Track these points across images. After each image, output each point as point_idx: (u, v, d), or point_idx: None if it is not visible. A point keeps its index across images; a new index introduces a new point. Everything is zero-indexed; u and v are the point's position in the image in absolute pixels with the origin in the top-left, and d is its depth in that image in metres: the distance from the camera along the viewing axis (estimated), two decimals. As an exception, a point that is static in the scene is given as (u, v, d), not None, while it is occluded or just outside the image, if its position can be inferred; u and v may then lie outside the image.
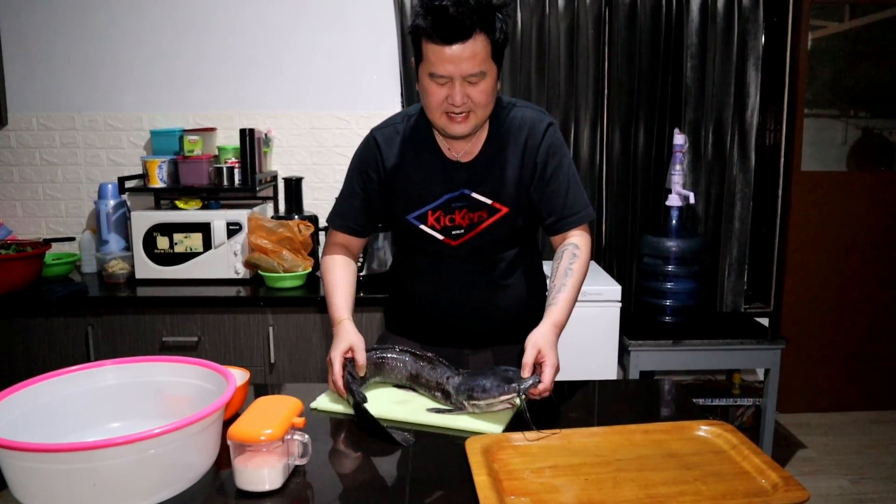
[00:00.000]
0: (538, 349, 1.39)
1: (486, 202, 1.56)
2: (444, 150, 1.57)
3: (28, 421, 1.16)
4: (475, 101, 1.43)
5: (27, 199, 3.12)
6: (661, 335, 2.81)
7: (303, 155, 3.13)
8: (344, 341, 1.46)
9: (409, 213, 1.59)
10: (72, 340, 2.57)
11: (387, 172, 1.59)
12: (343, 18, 3.04)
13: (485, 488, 1.07)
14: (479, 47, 1.38)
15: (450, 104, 1.43)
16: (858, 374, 3.54)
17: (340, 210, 1.67)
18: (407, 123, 1.60)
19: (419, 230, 1.59)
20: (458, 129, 1.47)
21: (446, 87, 1.42)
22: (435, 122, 1.49)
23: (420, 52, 1.43)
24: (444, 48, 1.37)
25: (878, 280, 3.47)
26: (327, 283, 1.62)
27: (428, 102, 1.46)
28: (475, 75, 1.40)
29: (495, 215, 1.57)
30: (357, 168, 1.63)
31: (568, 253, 1.56)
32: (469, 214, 1.57)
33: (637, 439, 1.28)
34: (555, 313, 1.48)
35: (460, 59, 1.37)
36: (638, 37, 3.05)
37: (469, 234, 1.58)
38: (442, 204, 1.57)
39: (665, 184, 3.02)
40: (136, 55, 3.05)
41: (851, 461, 3.09)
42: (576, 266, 1.54)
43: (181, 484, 1.10)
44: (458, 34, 1.36)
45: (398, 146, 1.58)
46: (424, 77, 1.44)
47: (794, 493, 1.07)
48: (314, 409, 1.43)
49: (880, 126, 3.53)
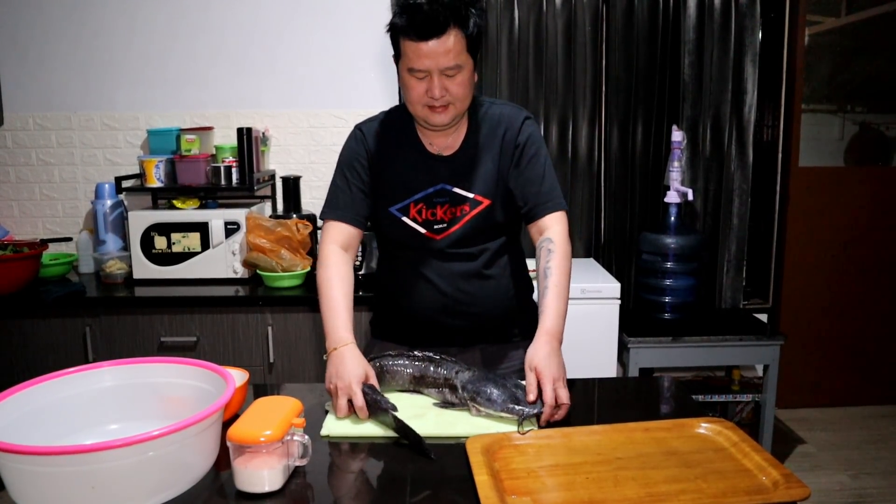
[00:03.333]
0: (533, 368, 1.39)
1: (468, 196, 1.60)
2: (425, 144, 1.62)
3: (26, 423, 1.16)
4: (453, 94, 1.49)
5: (24, 200, 3.11)
6: (661, 332, 2.80)
7: (300, 154, 3.12)
8: (359, 368, 1.40)
9: (392, 205, 1.62)
10: (70, 341, 2.56)
11: (373, 164, 1.63)
12: (339, 16, 3.03)
13: (486, 488, 1.07)
14: (453, 42, 1.44)
15: (429, 97, 1.49)
16: (857, 369, 3.55)
17: (334, 202, 1.65)
18: (391, 118, 1.66)
19: (402, 222, 1.62)
20: (438, 119, 1.52)
21: (425, 81, 1.48)
22: (417, 114, 1.55)
23: (398, 49, 1.49)
24: (420, 44, 1.43)
25: (876, 274, 3.48)
26: (327, 296, 1.56)
27: (409, 96, 1.52)
28: (452, 68, 1.46)
29: (477, 208, 1.60)
30: (346, 161, 1.65)
31: (544, 250, 1.57)
32: (451, 209, 1.60)
33: (638, 437, 1.28)
34: (545, 322, 1.48)
35: (436, 54, 1.43)
36: (635, 33, 3.05)
37: (452, 227, 1.61)
38: (424, 197, 1.60)
39: (663, 181, 3.02)
40: (132, 54, 3.04)
41: (851, 456, 3.09)
42: (553, 262, 1.54)
43: (181, 486, 1.10)
44: (432, 30, 1.42)
45: (382, 140, 1.63)
46: (404, 72, 1.50)
47: (794, 489, 1.07)
48: (325, 437, 1.32)
49: (877, 121, 3.53)
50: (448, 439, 1.31)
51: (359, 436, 1.33)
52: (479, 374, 1.43)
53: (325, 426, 1.35)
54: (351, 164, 1.64)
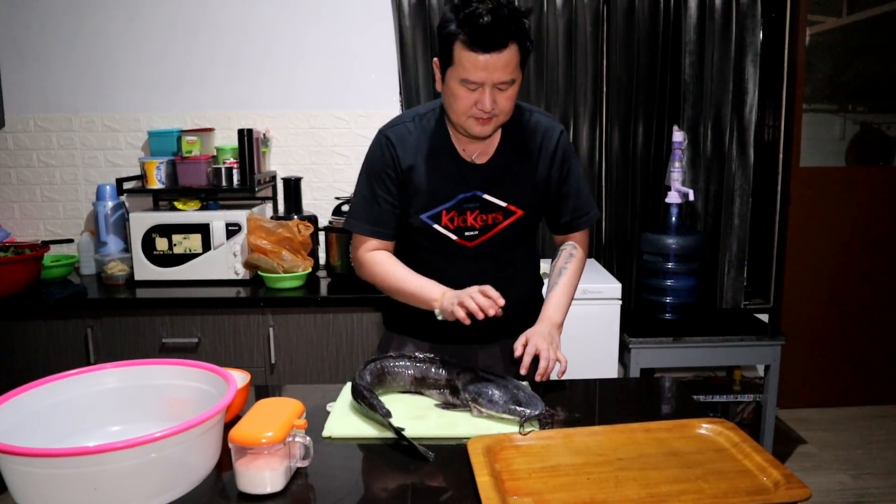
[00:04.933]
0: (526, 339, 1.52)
1: (501, 204, 1.61)
2: (459, 150, 1.60)
3: (28, 425, 1.16)
4: (501, 107, 1.48)
5: (25, 202, 3.12)
6: (662, 332, 2.80)
7: (301, 155, 3.12)
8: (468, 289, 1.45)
9: (424, 213, 1.60)
10: (71, 342, 2.57)
11: (402, 170, 1.59)
12: (341, 17, 3.03)
13: (487, 489, 1.07)
14: (511, 56, 1.43)
15: (478, 109, 1.47)
16: (858, 369, 3.54)
17: (366, 216, 1.62)
18: (419, 123, 1.62)
19: (433, 230, 1.61)
20: (481, 130, 1.51)
21: (476, 93, 1.46)
22: (459, 123, 1.53)
23: (450, 56, 1.45)
24: (479, 56, 1.41)
25: (877, 274, 3.47)
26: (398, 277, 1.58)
27: (455, 106, 1.49)
28: (505, 83, 1.45)
29: (511, 217, 1.62)
30: (374, 170, 1.61)
31: (566, 252, 1.71)
32: (482, 216, 1.60)
33: (639, 438, 1.28)
34: (547, 309, 1.62)
35: (494, 68, 1.42)
36: (636, 34, 3.05)
37: (485, 235, 1.62)
38: (455, 204, 1.59)
39: (664, 181, 3.02)
40: (133, 56, 3.04)
41: (852, 456, 3.09)
42: (570, 265, 1.68)
43: (182, 487, 1.10)
44: (495, 44, 1.40)
45: (412, 145, 1.60)
46: (454, 81, 1.47)
47: (795, 490, 1.07)
48: (326, 438, 1.32)
49: (878, 121, 3.53)
50: (449, 440, 1.31)
51: (360, 437, 1.33)
52: (479, 376, 1.44)
53: (326, 427, 1.35)
54: (379, 176, 1.60)
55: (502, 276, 1.66)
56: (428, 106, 1.65)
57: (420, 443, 1.26)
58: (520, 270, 1.72)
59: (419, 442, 1.26)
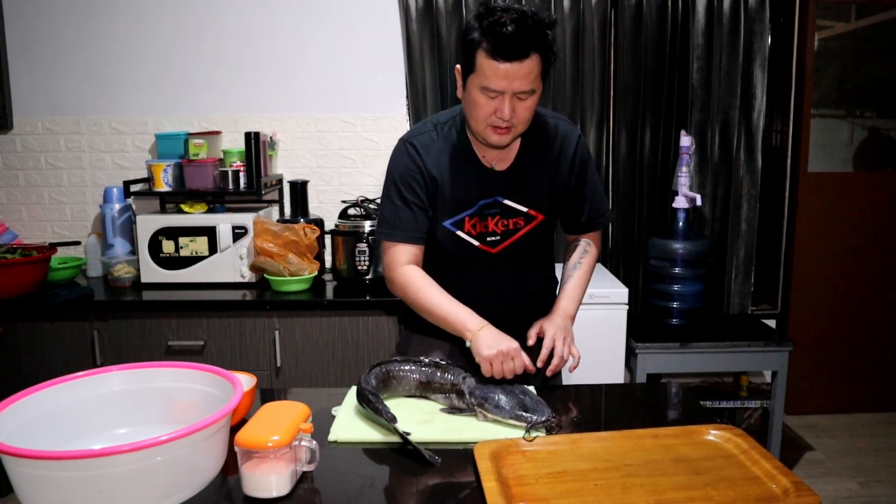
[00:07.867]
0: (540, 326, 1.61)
1: (521, 209, 1.63)
2: (479, 157, 1.62)
3: (34, 427, 1.16)
4: (519, 117, 1.49)
5: (33, 204, 3.13)
6: (668, 338, 2.79)
7: (308, 158, 3.13)
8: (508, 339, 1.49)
9: (447, 220, 1.62)
10: (77, 344, 2.57)
11: (430, 177, 1.60)
12: (348, 21, 3.04)
13: (494, 494, 1.07)
14: (533, 66, 1.44)
15: (497, 117, 1.48)
16: (867, 376, 3.52)
17: (395, 223, 1.62)
18: (441, 131, 1.63)
19: (456, 236, 1.63)
20: (499, 139, 1.52)
21: (496, 101, 1.47)
22: (478, 131, 1.54)
23: (473, 63, 1.45)
24: (500, 64, 1.42)
25: (885, 280, 3.45)
26: (435, 301, 1.57)
27: (475, 113, 1.50)
28: (525, 92, 1.46)
29: (532, 222, 1.64)
30: (402, 178, 1.61)
31: (580, 248, 1.77)
32: (503, 221, 1.63)
33: (646, 444, 1.27)
34: (561, 301, 1.68)
35: (515, 77, 1.43)
36: (644, 38, 3.04)
37: (507, 240, 1.64)
38: (477, 210, 1.62)
39: (671, 186, 3.01)
40: (140, 59, 3.05)
41: (860, 463, 3.07)
42: (585, 260, 1.74)
43: (188, 490, 1.10)
44: (517, 53, 1.41)
45: (436, 153, 1.61)
46: (474, 89, 1.48)
47: (804, 498, 1.07)
48: (332, 442, 1.32)
49: (887, 126, 3.51)
50: (455, 445, 1.30)
51: (366, 441, 1.32)
52: (485, 380, 1.43)
53: (332, 431, 1.35)
54: (407, 182, 1.60)
55: (522, 280, 1.71)
56: (447, 114, 1.66)
57: (426, 447, 1.25)
58: (538, 273, 1.76)
59: (425, 446, 1.25)
